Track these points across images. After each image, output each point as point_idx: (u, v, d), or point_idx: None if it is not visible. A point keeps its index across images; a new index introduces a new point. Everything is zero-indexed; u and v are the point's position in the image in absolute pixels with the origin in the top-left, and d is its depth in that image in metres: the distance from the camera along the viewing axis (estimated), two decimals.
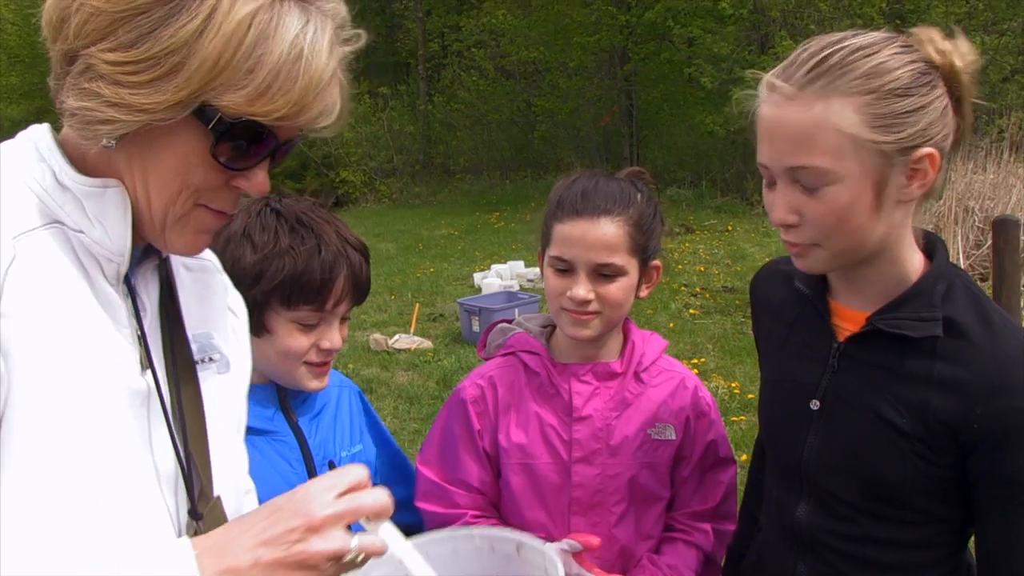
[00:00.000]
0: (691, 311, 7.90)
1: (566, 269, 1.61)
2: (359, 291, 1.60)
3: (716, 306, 8.03)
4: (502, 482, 1.70)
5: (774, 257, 1.60)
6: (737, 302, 8.04)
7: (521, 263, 9.42)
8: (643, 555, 1.69)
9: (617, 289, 1.60)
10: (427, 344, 7.20)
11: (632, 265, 1.62)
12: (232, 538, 0.88)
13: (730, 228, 11.97)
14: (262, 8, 0.88)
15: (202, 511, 1.02)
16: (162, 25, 0.86)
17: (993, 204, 8.50)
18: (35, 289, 0.88)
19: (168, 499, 1.00)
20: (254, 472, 1.32)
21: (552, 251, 1.62)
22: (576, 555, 1.54)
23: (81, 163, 0.95)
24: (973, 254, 8.20)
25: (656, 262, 1.69)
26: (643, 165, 16.89)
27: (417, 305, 8.42)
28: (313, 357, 1.59)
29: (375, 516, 0.93)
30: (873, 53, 1.19)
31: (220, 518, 1.05)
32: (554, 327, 1.75)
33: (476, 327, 7.04)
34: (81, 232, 0.94)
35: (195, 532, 1.01)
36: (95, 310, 0.94)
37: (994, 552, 1.26)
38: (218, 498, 1.06)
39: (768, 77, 1.23)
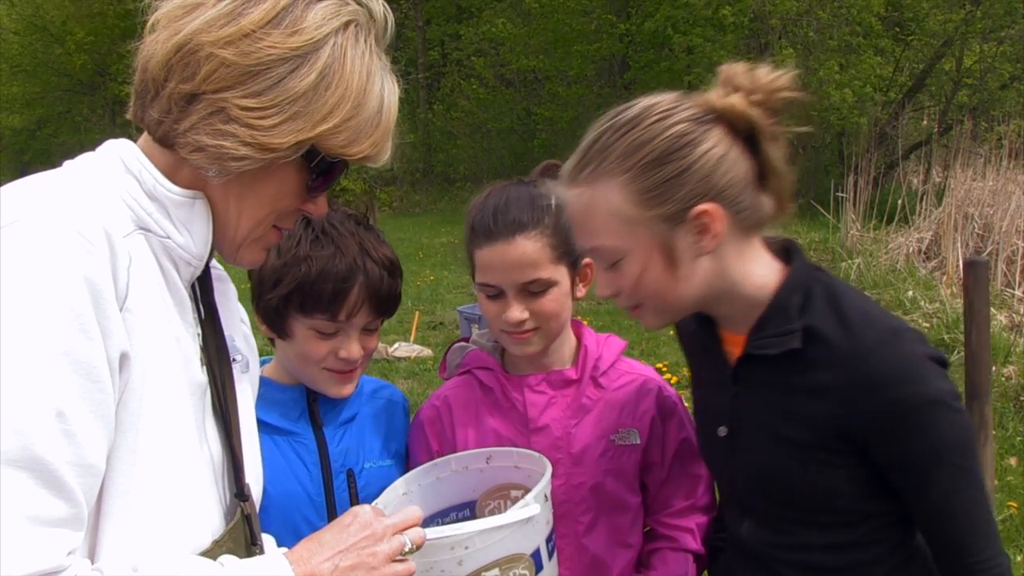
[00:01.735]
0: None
1: (496, 294, 1.60)
2: (381, 304, 1.59)
3: None
4: None
5: None
6: None
7: None
8: None
9: (550, 301, 1.58)
10: (427, 352, 7.20)
11: (560, 272, 1.59)
12: (311, 551, 1.08)
13: None
14: (362, 65, 1.05)
15: (248, 494, 1.17)
16: (287, 77, 1.01)
17: (992, 211, 8.51)
18: (144, 288, 1.00)
19: (217, 484, 1.12)
20: (269, 467, 1.38)
21: (479, 278, 1.61)
22: None
23: (170, 176, 1.06)
24: None
25: (588, 260, 1.64)
26: None
27: (417, 313, 8.42)
28: (332, 364, 1.59)
29: (412, 524, 1.18)
30: (631, 129, 1.24)
31: (253, 502, 1.19)
32: None
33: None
34: (167, 238, 1.05)
35: (241, 512, 1.14)
36: (172, 308, 1.06)
37: (931, 531, 1.29)
38: (248, 484, 1.18)
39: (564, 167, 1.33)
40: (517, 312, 1.57)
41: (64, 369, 0.89)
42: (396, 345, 7.29)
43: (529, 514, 1.27)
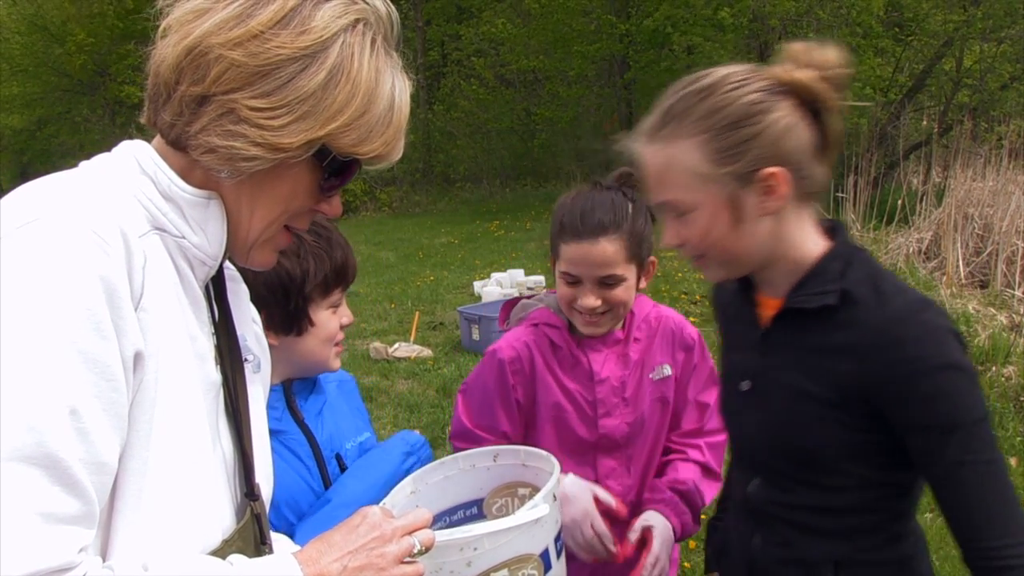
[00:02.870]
0: (691, 319, 7.87)
1: (574, 281, 1.89)
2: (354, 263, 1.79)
3: None
4: (536, 430, 1.98)
5: None
6: None
7: (521, 271, 9.42)
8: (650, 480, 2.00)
9: (621, 291, 1.89)
10: (427, 352, 7.20)
11: (630, 270, 1.89)
12: (320, 551, 1.08)
13: None
14: (371, 63, 1.06)
15: (258, 494, 1.18)
16: (296, 76, 1.01)
17: (992, 211, 8.51)
18: (159, 287, 1.01)
19: (230, 484, 1.13)
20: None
21: (561, 267, 1.90)
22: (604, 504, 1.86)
23: (183, 178, 1.07)
24: (973, 261, 8.20)
25: (651, 258, 1.96)
26: None
27: (417, 313, 8.42)
28: (339, 337, 1.75)
29: (422, 526, 1.18)
30: (709, 95, 1.35)
31: (263, 501, 1.20)
32: None
33: (476, 335, 7.04)
34: (182, 238, 1.06)
35: (251, 512, 1.15)
36: (187, 308, 1.07)
37: (945, 504, 1.30)
38: (258, 484, 1.19)
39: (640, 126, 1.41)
40: (592, 300, 1.87)
41: (78, 367, 0.89)
42: (396, 345, 7.29)
43: (538, 515, 1.28)
